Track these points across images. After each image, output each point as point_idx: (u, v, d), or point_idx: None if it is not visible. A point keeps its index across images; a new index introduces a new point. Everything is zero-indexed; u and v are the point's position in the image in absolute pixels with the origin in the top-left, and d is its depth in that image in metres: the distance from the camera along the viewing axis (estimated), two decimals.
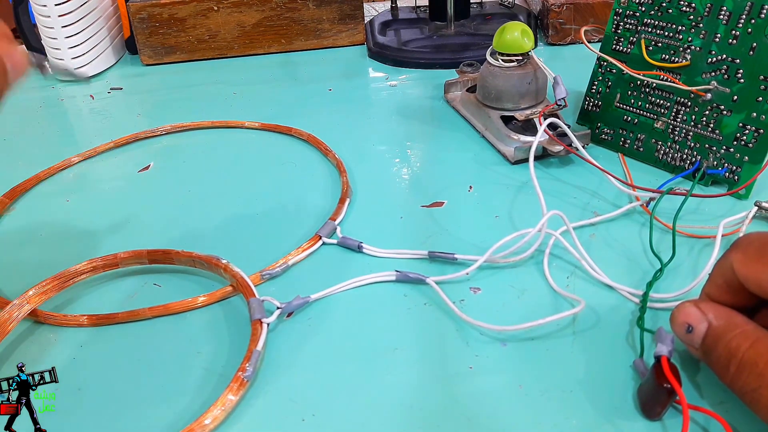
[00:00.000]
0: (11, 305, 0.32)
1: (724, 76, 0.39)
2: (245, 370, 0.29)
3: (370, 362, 0.30)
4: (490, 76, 0.46)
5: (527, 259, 0.35)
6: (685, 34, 0.40)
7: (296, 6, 0.61)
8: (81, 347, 0.32)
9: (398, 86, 0.56)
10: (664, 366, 0.26)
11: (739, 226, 0.35)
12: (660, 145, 0.42)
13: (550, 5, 0.59)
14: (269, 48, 0.63)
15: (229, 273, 0.34)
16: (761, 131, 0.38)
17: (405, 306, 0.33)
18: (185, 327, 0.33)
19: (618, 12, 0.43)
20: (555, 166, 0.43)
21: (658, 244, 0.35)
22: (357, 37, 0.64)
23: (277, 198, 0.42)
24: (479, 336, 0.31)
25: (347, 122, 0.51)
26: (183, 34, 0.61)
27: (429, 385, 0.29)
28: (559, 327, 0.31)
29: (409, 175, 0.44)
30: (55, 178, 0.47)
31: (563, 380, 0.28)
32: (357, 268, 0.35)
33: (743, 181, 0.38)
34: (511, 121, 0.45)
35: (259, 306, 0.32)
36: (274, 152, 0.48)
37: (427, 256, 0.36)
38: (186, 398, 0.29)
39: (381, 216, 0.40)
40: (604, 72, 0.45)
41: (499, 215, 0.39)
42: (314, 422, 0.28)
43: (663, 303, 0.32)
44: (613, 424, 0.26)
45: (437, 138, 0.48)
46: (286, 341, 0.32)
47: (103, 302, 0.35)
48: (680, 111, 0.41)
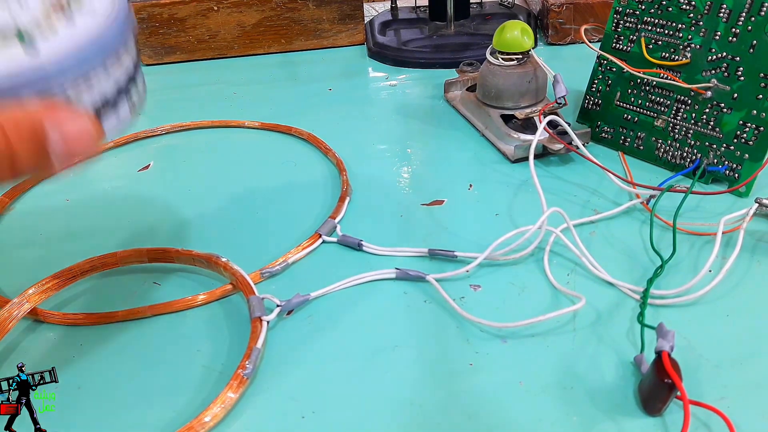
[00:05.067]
0: (11, 304, 0.32)
1: (724, 74, 0.39)
2: (245, 367, 0.29)
3: (370, 360, 0.30)
4: (490, 75, 0.46)
5: (527, 257, 0.35)
6: (685, 32, 0.40)
7: (296, 6, 0.61)
8: (81, 346, 0.32)
9: (398, 86, 0.56)
10: (665, 361, 0.26)
11: (739, 224, 0.35)
12: (660, 143, 0.42)
13: (549, 5, 0.59)
14: (269, 48, 0.63)
15: (229, 271, 0.34)
16: (761, 129, 0.38)
17: (405, 303, 0.33)
18: (185, 325, 0.33)
19: (618, 10, 0.43)
20: (555, 165, 0.43)
21: (659, 242, 0.35)
22: (357, 37, 0.64)
23: (277, 196, 0.42)
24: (479, 333, 0.31)
25: (347, 122, 0.51)
26: (183, 34, 0.61)
27: (429, 382, 0.29)
28: (559, 324, 0.31)
29: (409, 174, 0.44)
30: (54, 177, 0.47)
31: (564, 377, 0.28)
32: (357, 266, 0.35)
33: (743, 179, 0.38)
34: (511, 119, 0.45)
35: (258, 304, 0.32)
36: (274, 151, 0.48)
37: (427, 253, 0.36)
38: (186, 396, 0.29)
39: (381, 214, 0.40)
40: (604, 70, 0.45)
41: (499, 213, 0.39)
42: (314, 420, 0.28)
43: (663, 299, 0.32)
44: (613, 421, 0.26)
45: (437, 137, 0.48)
46: (286, 339, 0.31)
47: (103, 301, 0.35)
48: (680, 109, 0.41)
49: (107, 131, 0.24)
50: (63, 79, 0.21)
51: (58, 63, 0.21)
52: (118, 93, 0.24)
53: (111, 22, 0.23)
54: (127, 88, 0.25)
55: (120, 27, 0.24)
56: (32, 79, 0.21)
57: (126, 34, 0.25)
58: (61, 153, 0.21)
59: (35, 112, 0.20)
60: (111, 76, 0.23)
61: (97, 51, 0.22)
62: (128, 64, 0.25)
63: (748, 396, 0.27)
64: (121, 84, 0.24)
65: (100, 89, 0.23)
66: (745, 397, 0.27)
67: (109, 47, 0.23)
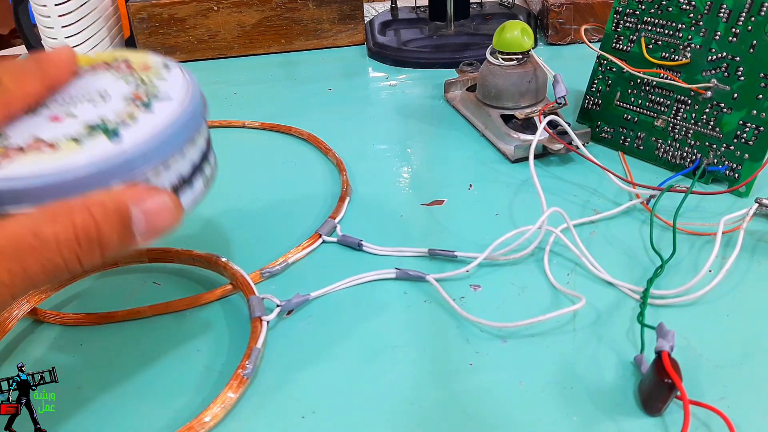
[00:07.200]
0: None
1: (724, 74, 0.39)
2: (245, 367, 0.29)
3: (370, 359, 0.30)
4: (490, 75, 0.46)
5: (527, 257, 0.35)
6: (685, 32, 0.40)
7: (296, 6, 0.61)
8: (81, 346, 0.32)
9: (398, 86, 0.56)
10: (665, 361, 0.26)
11: (739, 223, 0.35)
12: (660, 143, 0.42)
13: (549, 5, 0.59)
14: (269, 48, 0.63)
15: (229, 271, 0.34)
16: (761, 129, 0.38)
17: (405, 303, 0.33)
18: (185, 325, 0.33)
19: (618, 10, 0.43)
20: (555, 165, 0.43)
21: (659, 242, 0.35)
22: (357, 37, 0.64)
23: (277, 196, 0.42)
24: (479, 333, 0.31)
25: (347, 121, 0.51)
26: (183, 34, 0.61)
27: (429, 382, 0.29)
28: (559, 324, 0.31)
29: (409, 174, 0.44)
30: None
31: (564, 377, 0.28)
32: (357, 266, 0.35)
33: (743, 179, 0.38)
34: (511, 119, 0.45)
35: (259, 304, 0.32)
36: (274, 151, 0.48)
37: (427, 253, 0.36)
38: (186, 396, 0.29)
39: (381, 214, 0.40)
40: (604, 70, 0.45)
41: (499, 213, 0.39)
42: (314, 419, 0.28)
43: (663, 299, 0.32)
44: (613, 420, 0.26)
45: (437, 137, 0.48)
46: (286, 339, 0.31)
47: (103, 301, 0.35)
48: (680, 109, 0.41)
49: (184, 205, 0.25)
50: (145, 166, 0.23)
51: (140, 150, 0.23)
52: (193, 171, 0.26)
53: (186, 106, 0.25)
54: (201, 166, 0.26)
55: (194, 110, 0.25)
56: (116, 167, 0.23)
57: (199, 118, 0.26)
58: (144, 229, 0.22)
59: (119, 194, 0.22)
60: (187, 158, 0.25)
61: (174, 137, 0.24)
62: (202, 144, 0.26)
63: (748, 396, 0.27)
64: (195, 162, 0.26)
65: (177, 170, 0.25)
66: (745, 397, 0.27)
67: (185, 133, 0.25)
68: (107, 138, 0.23)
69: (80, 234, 0.21)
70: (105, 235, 0.21)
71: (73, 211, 0.21)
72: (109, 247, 0.22)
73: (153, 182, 0.24)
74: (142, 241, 0.22)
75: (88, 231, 0.21)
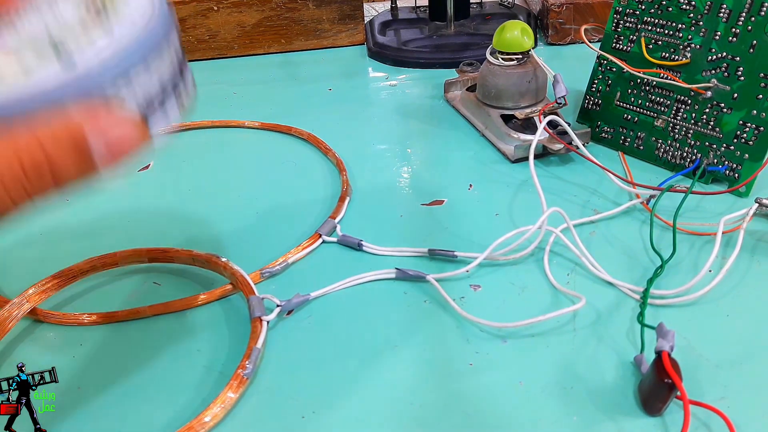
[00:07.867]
0: (11, 304, 0.32)
1: (724, 74, 0.39)
2: (245, 367, 0.29)
3: (370, 359, 0.30)
4: (490, 75, 0.46)
5: (527, 257, 0.35)
6: (685, 32, 0.40)
7: (296, 6, 0.61)
8: (81, 346, 0.32)
9: (398, 86, 0.56)
10: (665, 361, 0.26)
11: (739, 223, 0.35)
12: (660, 143, 0.42)
13: (549, 5, 0.59)
14: (269, 48, 0.63)
15: (229, 271, 0.34)
16: (761, 129, 0.38)
17: (405, 303, 0.33)
18: (185, 325, 0.33)
19: (618, 10, 0.43)
20: (555, 165, 0.43)
21: (659, 242, 0.35)
22: (357, 37, 0.64)
23: (277, 196, 0.42)
24: (479, 333, 0.31)
25: (347, 121, 0.51)
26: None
27: (429, 382, 0.29)
28: (559, 323, 0.31)
29: (409, 174, 0.44)
30: None
31: (563, 377, 0.28)
32: (357, 266, 0.35)
33: (743, 179, 0.38)
34: (511, 119, 0.45)
35: (258, 304, 0.32)
36: (274, 151, 0.48)
37: (427, 253, 0.36)
38: (186, 396, 0.29)
39: (381, 214, 0.40)
40: (604, 70, 0.45)
41: (499, 213, 0.39)
42: (314, 419, 0.28)
43: (663, 299, 0.32)
44: (613, 420, 0.26)
45: (437, 137, 0.48)
46: (286, 339, 0.31)
47: (103, 301, 0.35)
48: (680, 109, 0.41)
49: (157, 131, 0.22)
50: (102, 81, 0.20)
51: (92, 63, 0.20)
52: (163, 91, 0.23)
53: (151, 20, 0.22)
54: (174, 85, 0.23)
55: (161, 22, 0.22)
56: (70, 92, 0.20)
57: (167, 28, 0.23)
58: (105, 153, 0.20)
59: (74, 121, 0.20)
60: (153, 71, 0.22)
61: (136, 49, 0.21)
62: (172, 59, 0.23)
63: (748, 396, 0.27)
64: (165, 81, 0.23)
65: (143, 86, 0.22)
66: (745, 397, 0.27)
67: (149, 43, 0.22)
68: (54, 54, 0.20)
69: (26, 164, 0.19)
70: (56, 163, 0.19)
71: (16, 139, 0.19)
72: (66, 177, 0.20)
73: (115, 101, 0.21)
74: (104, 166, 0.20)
75: (36, 161, 0.19)
